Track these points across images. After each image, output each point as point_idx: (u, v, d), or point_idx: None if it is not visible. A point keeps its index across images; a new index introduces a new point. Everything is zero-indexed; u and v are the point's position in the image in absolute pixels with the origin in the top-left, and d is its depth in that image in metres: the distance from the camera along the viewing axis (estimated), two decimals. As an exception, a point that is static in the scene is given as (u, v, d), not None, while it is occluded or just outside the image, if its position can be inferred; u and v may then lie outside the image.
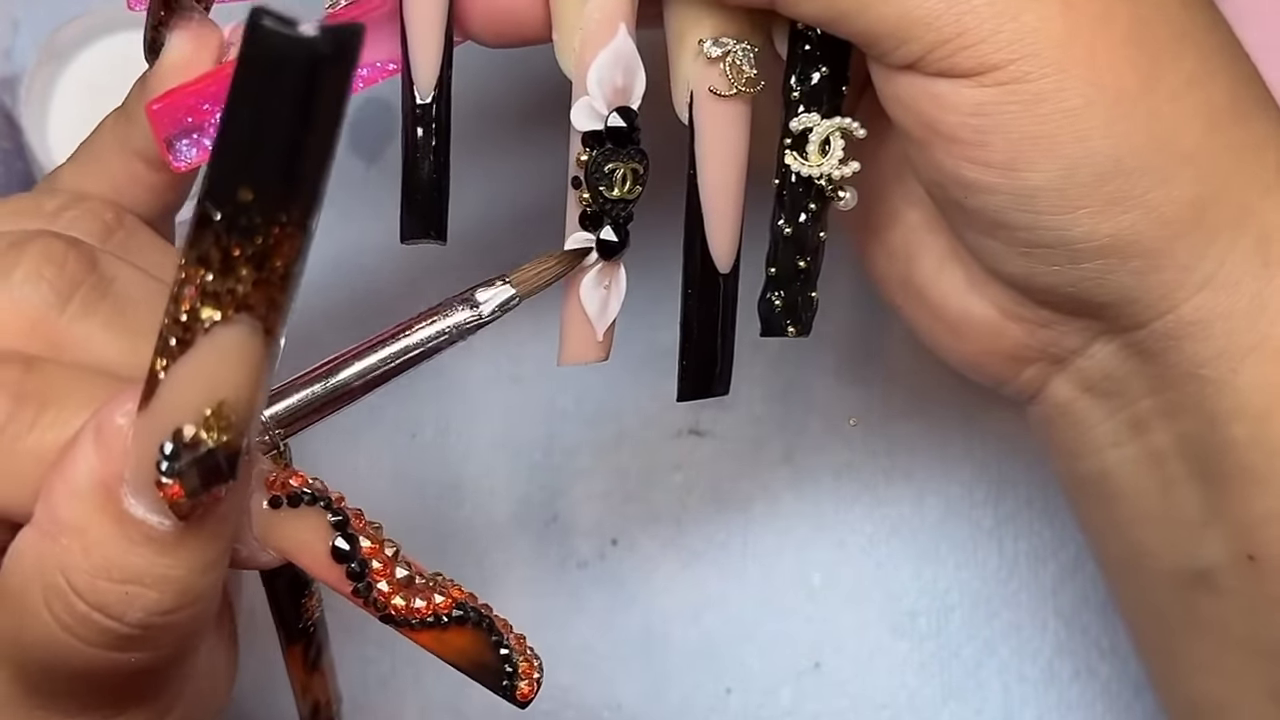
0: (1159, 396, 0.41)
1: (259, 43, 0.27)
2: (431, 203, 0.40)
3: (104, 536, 0.33)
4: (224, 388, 0.31)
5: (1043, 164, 0.38)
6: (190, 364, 0.30)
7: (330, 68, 0.27)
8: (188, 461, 0.31)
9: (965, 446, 0.55)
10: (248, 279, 0.29)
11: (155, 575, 0.33)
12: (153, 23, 0.40)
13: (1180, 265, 0.39)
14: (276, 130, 0.28)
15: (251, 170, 0.28)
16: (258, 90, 0.27)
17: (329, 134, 0.28)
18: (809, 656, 0.54)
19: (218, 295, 0.30)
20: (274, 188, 0.28)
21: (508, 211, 0.55)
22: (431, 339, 0.38)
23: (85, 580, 0.33)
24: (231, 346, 0.30)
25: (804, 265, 0.42)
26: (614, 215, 0.40)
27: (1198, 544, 0.41)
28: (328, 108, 0.28)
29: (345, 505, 0.36)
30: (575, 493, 0.55)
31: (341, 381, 0.38)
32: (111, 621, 0.33)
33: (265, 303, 0.30)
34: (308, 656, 0.43)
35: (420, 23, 0.39)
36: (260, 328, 0.30)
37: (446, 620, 0.37)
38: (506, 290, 0.38)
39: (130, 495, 0.33)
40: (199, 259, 0.29)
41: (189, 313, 0.30)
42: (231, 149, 0.28)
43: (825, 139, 0.40)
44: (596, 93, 0.39)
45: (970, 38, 0.37)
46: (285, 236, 0.29)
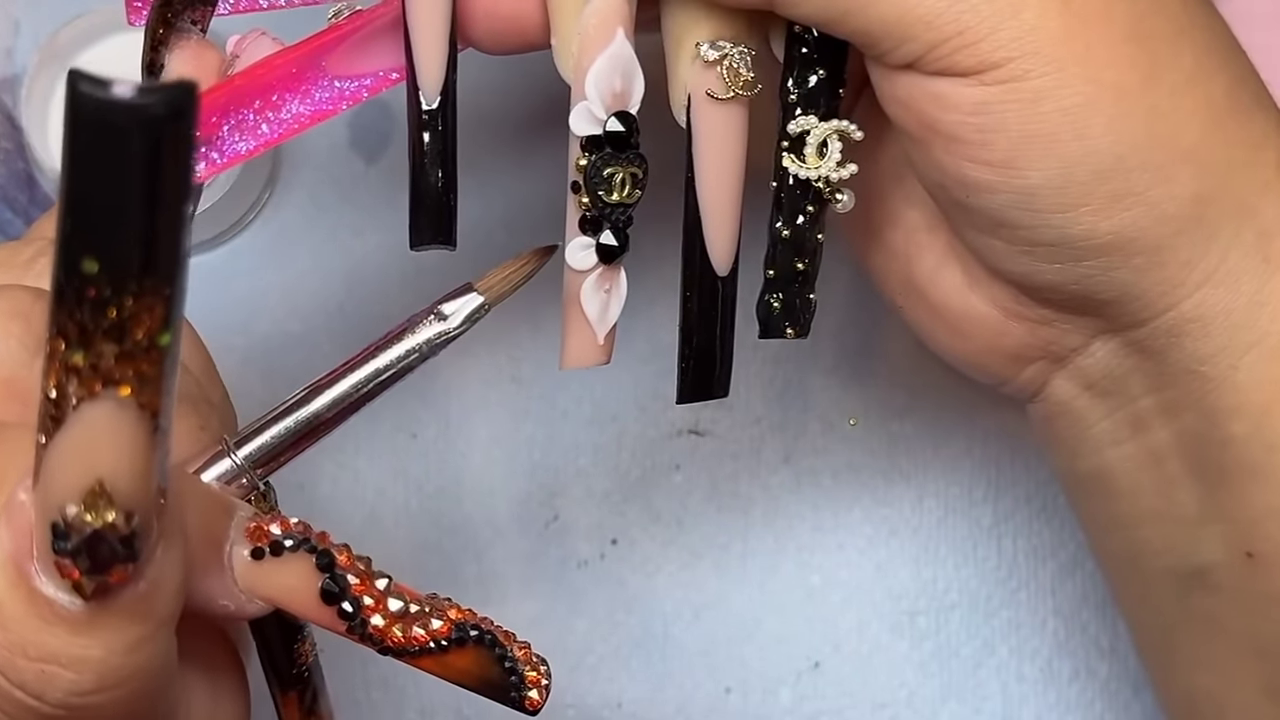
0: (1159, 394, 0.41)
1: (80, 107, 0.25)
2: (440, 209, 0.40)
3: (18, 614, 0.32)
4: (99, 468, 0.29)
5: (1043, 162, 0.38)
6: (63, 442, 0.29)
7: (161, 129, 0.25)
8: (75, 543, 0.30)
9: (964, 446, 0.55)
10: (108, 353, 0.28)
11: (71, 655, 0.32)
12: (151, 44, 0.40)
13: (1181, 262, 0.39)
14: (109, 198, 0.26)
15: (91, 239, 0.26)
16: (86, 156, 0.26)
17: (174, 196, 0.26)
18: (809, 656, 0.54)
19: (79, 370, 0.28)
20: (119, 257, 0.27)
21: (508, 216, 0.55)
22: (402, 358, 0.37)
23: (3, 656, 0.32)
24: (101, 424, 0.29)
25: (802, 267, 0.42)
26: (613, 219, 0.40)
27: (1196, 541, 0.41)
28: (168, 169, 0.26)
29: (330, 543, 0.35)
30: (575, 493, 0.55)
31: (314, 413, 0.37)
32: (32, 699, 0.32)
33: (135, 377, 0.28)
34: (303, 702, 0.42)
35: (424, 28, 0.39)
36: (133, 402, 0.28)
37: (446, 644, 0.36)
38: (474, 299, 0.38)
39: (40, 573, 0.31)
40: (59, 332, 0.28)
41: (57, 388, 0.28)
42: (70, 218, 0.26)
43: (823, 141, 0.40)
44: (595, 97, 0.39)
45: (970, 36, 0.37)
46: (142, 307, 0.27)
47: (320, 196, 0.55)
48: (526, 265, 0.39)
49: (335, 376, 0.37)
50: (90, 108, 0.25)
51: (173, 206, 0.27)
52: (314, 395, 0.37)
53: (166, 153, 0.26)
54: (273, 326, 0.54)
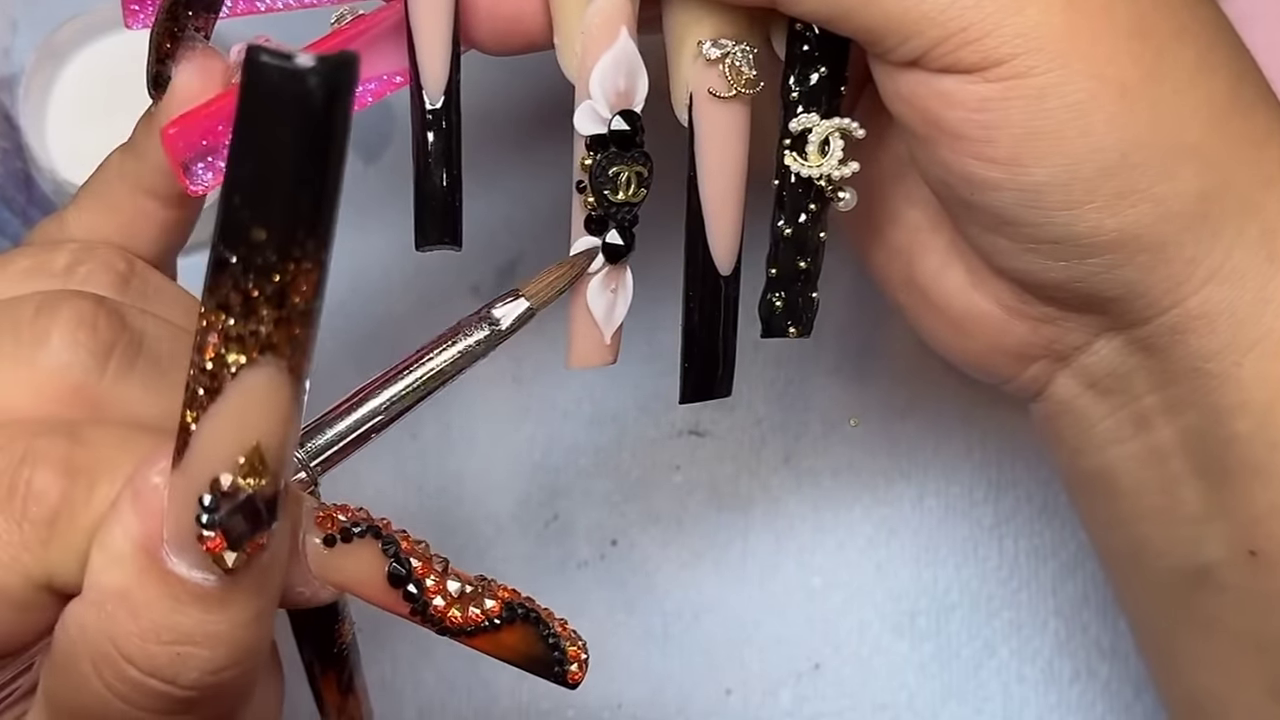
0: (1162, 392, 0.41)
1: (258, 79, 0.27)
2: (446, 209, 0.40)
3: (150, 599, 0.32)
4: (256, 431, 0.30)
5: (1048, 159, 0.38)
6: (221, 411, 0.30)
7: (331, 97, 0.27)
8: (227, 511, 0.31)
9: (965, 446, 0.55)
10: (269, 319, 0.29)
11: (205, 633, 0.33)
12: (157, 57, 0.40)
13: (1186, 259, 0.39)
14: (283, 166, 0.27)
15: (263, 208, 0.28)
16: (261, 127, 0.27)
17: (336, 164, 0.28)
18: (809, 657, 0.54)
19: (241, 339, 0.29)
20: (287, 224, 0.28)
21: (512, 215, 0.55)
22: (453, 360, 0.38)
23: (135, 645, 0.32)
24: (260, 389, 0.30)
25: (805, 266, 0.42)
26: (619, 218, 0.40)
27: (1199, 540, 0.41)
28: (332, 137, 0.27)
29: (393, 530, 0.36)
30: (575, 493, 0.55)
31: (370, 412, 0.38)
32: (166, 685, 0.33)
33: (288, 341, 0.29)
34: (341, 681, 0.43)
35: (427, 29, 0.39)
36: (285, 366, 0.30)
37: (499, 623, 0.37)
38: (521, 304, 0.39)
39: (172, 554, 0.32)
40: (219, 305, 0.29)
41: (214, 360, 0.30)
42: (240, 189, 0.28)
43: (824, 139, 0.40)
44: (599, 96, 0.39)
45: (974, 33, 0.37)
46: (302, 272, 0.29)
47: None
48: (569, 271, 0.40)
49: (390, 377, 0.38)
50: (272, 78, 0.26)
51: (336, 175, 0.28)
52: (370, 395, 0.38)
53: (333, 120, 0.27)
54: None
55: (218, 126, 0.40)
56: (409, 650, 0.54)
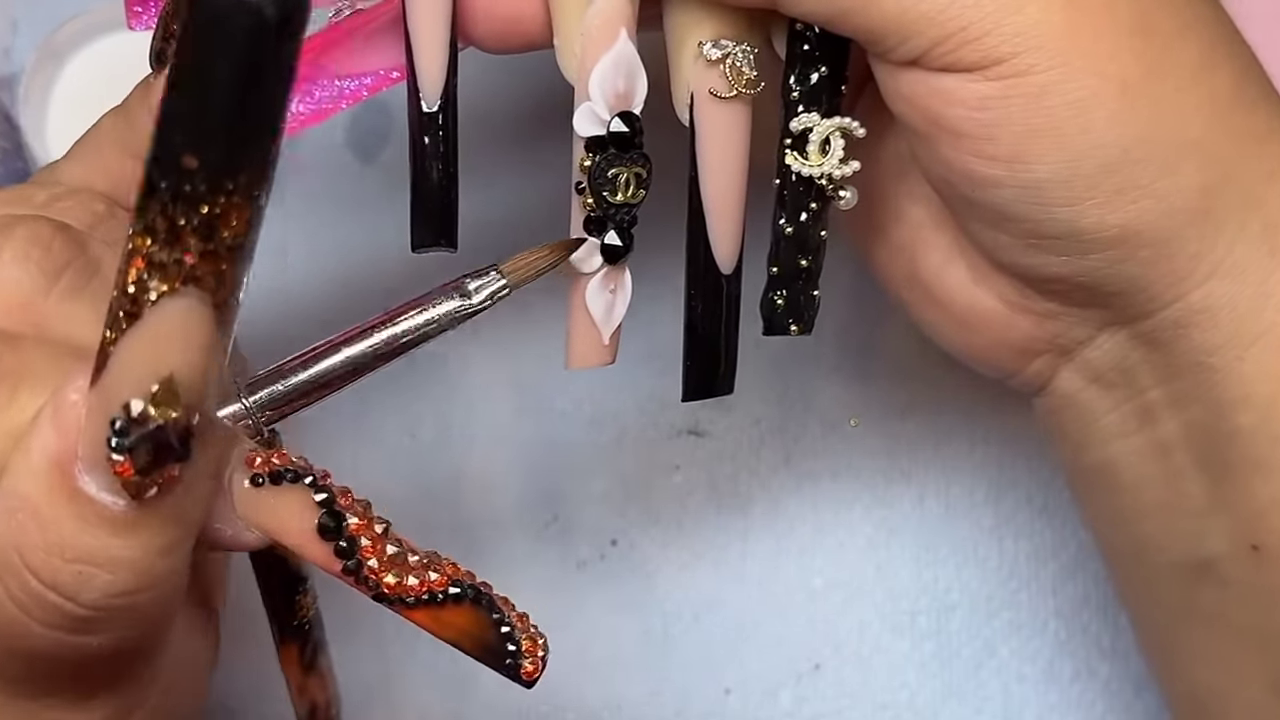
0: (1165, 386, 0.41)
1: (203, 5, 0.26)
2: (442, 211, 0.40)
3: (58, 514, 0.32)
4: (171, 361, 0.30)
5: (1049, 156, 0.38)
6: (137, 337, 0.30)
7: (276, 32, 0.27)
8: (137, 438, 0.31)
9: (966, 446, 0.55)
10: (195, 250, 0.29)
11: (109, 556, 0.33)
12: (163, 34, 0.40)
13: (1189, 254, 0.39)
14: (221, 96, 0.27)
15: (196, 136, 0.28)
16: (201, 54, 0.27)
17: (279, 100, 0.27)
18: (809, 657, 0.54)
19: (164, 266, 0.29)
20: (219, 155, 0.28)
21: (512, 217, 0.55)
22: (420, 327, 0.37)
23: (39, 558, 0.33)
24: (178, 319, 0.30)
25: (806, 264, 0.42)
26: (618, 220, 0.40)
27: (1202, 534, 0.41)
28: (277, 73, 0.27)
29: (331, 483, 0.35)
30: (575, 493, 0.55)
31: (327, 368, 0.37)
32: (65, 601, 0.33)
33: (214, 275, 0.29)
34: (303, 656, 0.42)
35: (424, 31, 0.39)
36: (209, 300, 0.29)
37: (442, 598, 0.36)
38: (497, 280, 0.38)
39: (85, 473, 0.32)
40: (145, 228, 0.29)
41: (136, 284, 0.29)
42: (176, 114, 0.28)
43: (825, 138, 0.41)
44: (598, 98, 0.39)
45: (974, 32, 0.37)
46: (233, 206, 0.28)
47: (317, 196, 0.55)
48: (551, 255, 0.39)
49: (352, 336, 0.37)
50: (210, 6, 0.26)
51: (276, 111, 0.28)
52: (329, 352, 0.37)
53: (281, 54, 0.27)
54: (270, 324, 0.54)
55: None
56: (407, 649, 0.53)
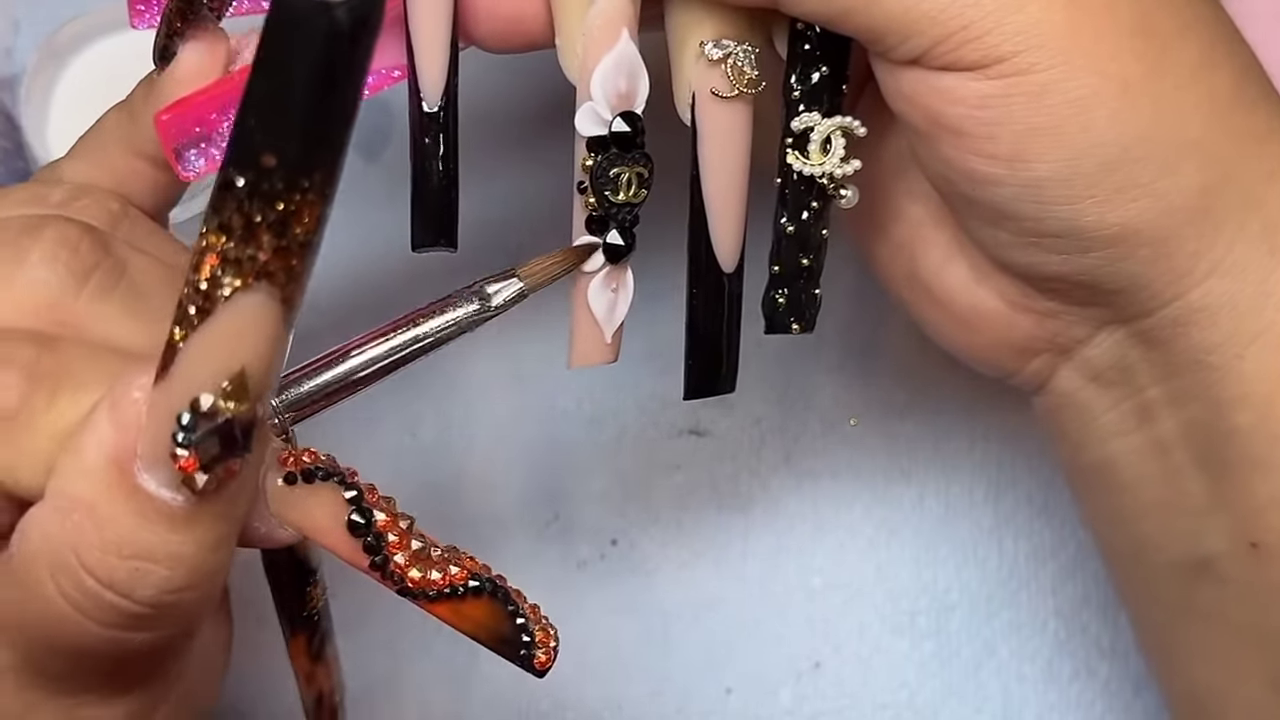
0: (1164, 385, 0.41)
1: (283, 9, 0.27)
2: (442, 211, 0.40)
3: (116, 512, 0.33)
4: (243, 356, 0.31)
5: (1049, 155, 0.38)
6: (210, 332, 0.30)
7: (353, 33, 0.27)
8: (204, 432, 0.31)
9: (966, 446, 0.55)
10: (268, 246, 0.29)
11: (167, 552, 0.33)
12: (168, 31, 0.40)
13: (1189, 252, 0.39)
14: (300, 96, 0.28)
15: (275, 135, 0.28)
16: (282, 56, 0.27)
17: (351, 101, 0.28)
18: (809, 656, 0.54)
19: (239, 262, 0.30)
20: (297, 153, 0.28)
21: (513, 216, 0.55)
22: (440, 329, 0.38)
23: (96, 556, 0.33)
24: (251, 314, 0.30)
25: (807, 263, 0.42)
26: (620, 219, 0.40)
27: (1201, 533, 0.42)
28: (350, 74, 0.28)
29: (359, 480, 0.36)
30: (575, 493, 0.55)
31: (349, 369, 0.38)
32: (121, 599, 0.33)
33: (285, 271, 0.30)
34: (311, 646, 0.43)
35: (425, 31, 0.39)
36: (279, 295, 0.30)
37: (462, 591, 0.36)
38: (515, 284, 0.39)
39: (144, 470, 0.32)
40: (221, 226, 0.29)
41: (209, 280, 0.30)
42: (256, 114, 0.28)
43: (826, 138, 0.41)
44: (600, 98, 0.39)
45: (975, 31, 0.37)
46: (306, 204, 0.29)
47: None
48: (566, 259, 0.40)
49: (374, 337, 0.38)
50: (298, 8, 0.27)
51: (351, 110, 0.28)
52: (351, 354, 0.38)
53: (352, 57, 0.27)
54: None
55: (211, 114, 0.40)
56: (410, 647, 0.54)
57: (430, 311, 0.38)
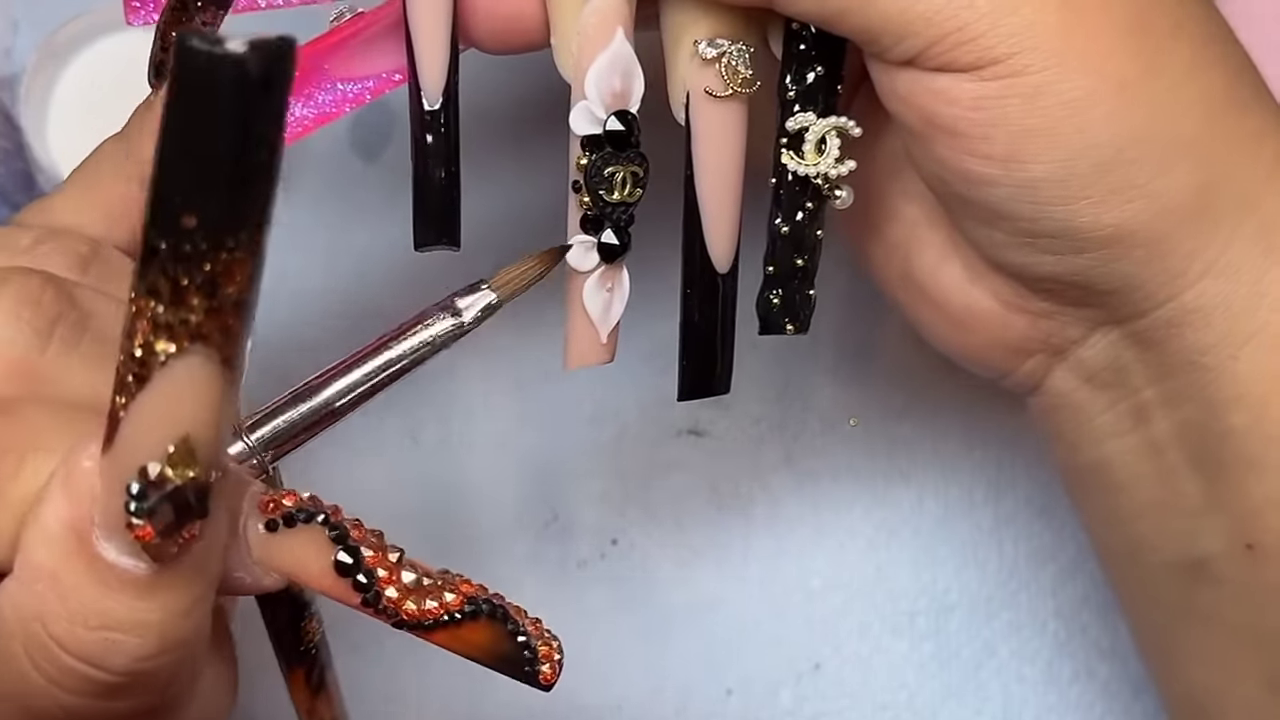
0: (1159, 385, 0.41)
1: (188, 64, 0.26)
2: (444, 210, 0.40)
3: (78, 582, 0.32)
4: (185, 421, 0.30)
5: (1044, 155, 0.38)
6: (149, 399, 0.30)
7: (265, 83, 0.26)
8: (156, 500, 0.30)
9: (965, 447, 0.55)
10: (199, 308, 0.28)
11: (135, 620, 0.32)
12: (162, 46, 0.40)
13: (1184, 253, 0.39)
14: (215, 152, 0.27)
15: (192, 195, 0.27)
16: (191, 112, 0.26)
17: (271, 152, 0.27)
18: (809, 657, 0.54)
19: (170, 326, 0.29)
20: (218, 212, 0.27)
21: (509, 215, 0.55)
22: (414, 350, 0.37)
23: (64, 628, 0.32)
24: (189, 378, 0.29)
25: (802, 263, 0.42)
26: (615, 218, 0.40)
27: (1197, 533, 0.41)
28: (267, 125, 0.27)
29: (343, 517, 0.36)
30: (575, 493, 0.55)
31: (326, 400, 0.37)
32: (93, 670, 0.32)
33: (220, 331, 0.29)
34: (310, 680, 0.42)
35: (426, 29, 0.39)
36: (216, 356, 0.29)
37: (460, 617, 0.36)
38: (487, 295, 0.38)
39: (102, 539, 0.32)
40: (148, 290, 0.28)
41: (143, 347, 0.29)
42: (170, 175, 0.27)
43: (821, 138, 0.41)
44: (594, 97, 0.39)
45: (970, 32, 0.37)
46: (235, 262, 0.28)
47: (320, 195, 0.55)
48: (538, 265, 0.39)
49: (347, 365, 0.37)
50: (201, 63, 0.26)
51: (273, 162, 0.27)
52: (326, 383, 0.37)
53: (267, 107, 0.27)
54: (272, 326, 0.54)
55: None
56: (407, 652, 0.53)
57: (402, 333, 0.38)
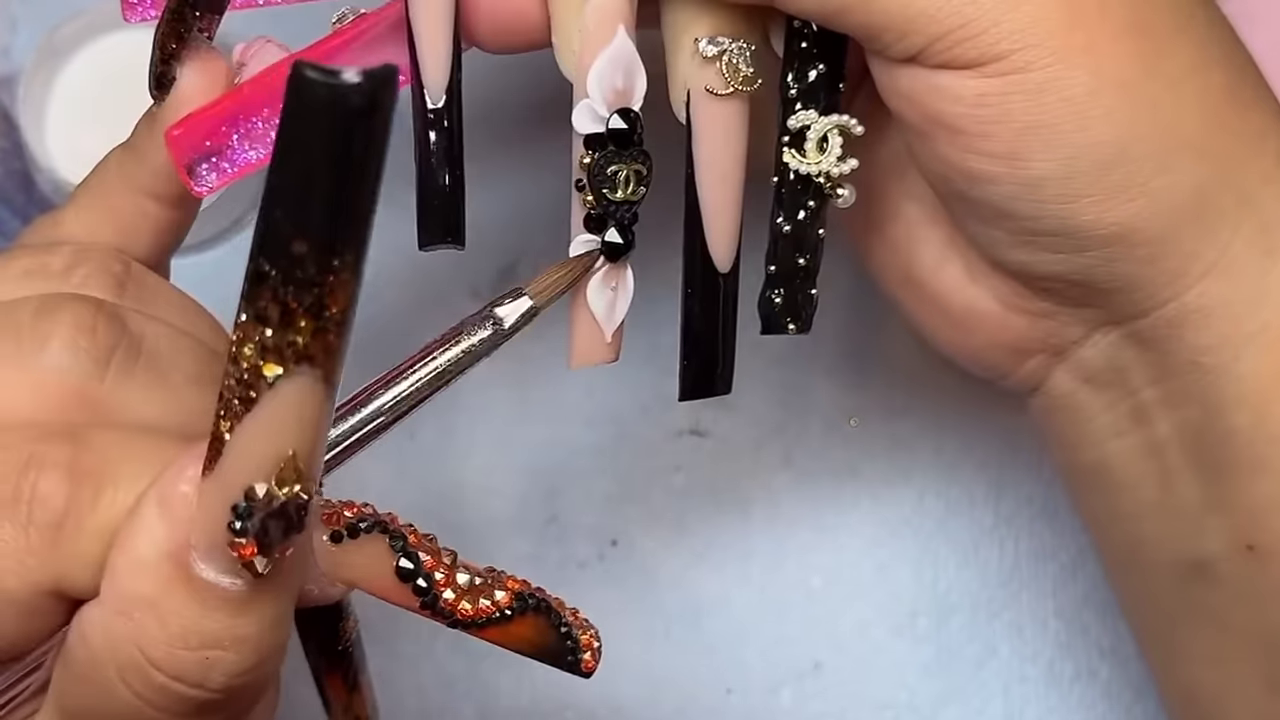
0: (1159, 386, 0.41)
1: (304, 95, 0.27)
2: (448, 208, 0.40)
3: (178, 605, 0.32)
4: (292, 440, 0.30)
5: (1046, 153, 0.38)
6: (256, 421, 0.30)
7: (374, 110, 0.27)
8: (261, 518, 0.31)
9: (966, 447, 0.55)
10: (306, 330, 0.29)
11: (233, 636, 0.33)
12: (161, 57, 0.40)
13: (1185, 253, 0.39)
14: (326, 180, 0.28)
15: (304, 222, 0.28)
16: (306, 142, 0.27)
17: (375, 176, 0.28)
18: (809, 657, 0.54)
19: (279, 349, 0.29)
20: (327, 236, 0.28)
21: (512, 214, 0.55)
22: (457, 359, 0.38)
23: (163, 651, 0.33)
24: (295, 399, 0.30)
25: (803, 263, 0.42)
26: (618, 217, 0.40)
27: (1197, 534, 0.41)
28: (373, 151, 0.28)
29: (400, 525, 0.37)
30: (575, 493, 0.55)
31: (373, 412, 0.38)
32: (192, 689, 0.33)
33: (324, 350, 0.29)
34: (347, 678, 0.43)
35: (428, 27, 0.39)
36: (320, 375, 0.30)
37: (510, 614, 0.37)
38: (525, 303, 0.39)
39: (199, 560, 0.32)
40: (257, 316, 0.29)
41: (250, 370, 0.30)
42: (282, 202, 0.28)
43: (823, 136, 0.41)
44: (597, 95, 0.39)
45: (972, 29, 0.37)
46: (340, 283, 0.29)
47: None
48: (572, 270, 0.40)
49: (392, 378, 0.38)
50: (318, 93, 0.27)
51: (374, 186, 0.28)
52: (372, 397, 0.38)
53: (374, 134, 0.27)
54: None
55: (221, 128, 0.40)
56: (410, 650, 0.53)
57: (444, 343, 0.38)
